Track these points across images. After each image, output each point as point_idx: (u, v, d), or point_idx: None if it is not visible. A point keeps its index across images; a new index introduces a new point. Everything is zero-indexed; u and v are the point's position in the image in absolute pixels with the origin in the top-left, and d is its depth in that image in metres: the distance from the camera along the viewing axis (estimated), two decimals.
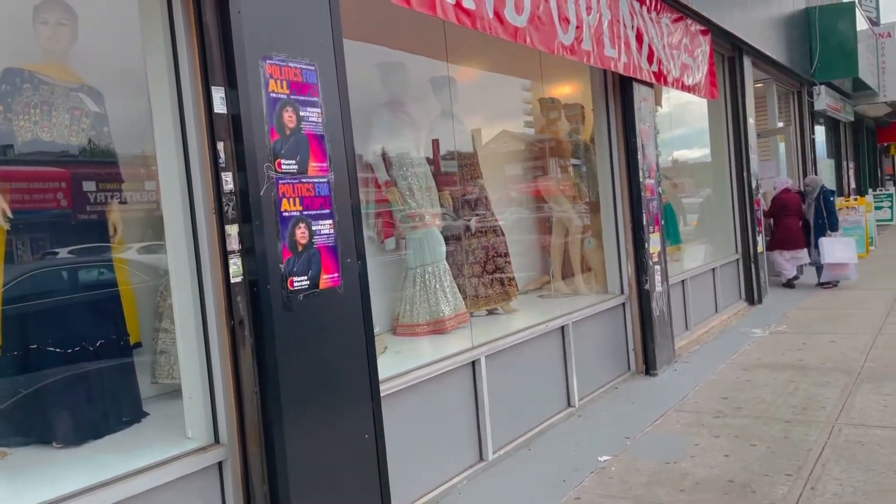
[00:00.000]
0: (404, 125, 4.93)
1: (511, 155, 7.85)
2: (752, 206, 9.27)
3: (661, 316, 6.15)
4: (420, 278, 4.88)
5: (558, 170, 6.83)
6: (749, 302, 9.27)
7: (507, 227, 6.74)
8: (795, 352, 6.54)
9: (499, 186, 6.58)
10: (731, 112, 9.26)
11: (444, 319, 4.80)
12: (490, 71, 6.66)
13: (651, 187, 6.16)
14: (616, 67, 5.48)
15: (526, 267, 6.85)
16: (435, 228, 4.93)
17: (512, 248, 6.70)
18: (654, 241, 6.12)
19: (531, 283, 6.76)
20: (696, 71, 7.19)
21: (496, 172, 6.79)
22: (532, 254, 6.85)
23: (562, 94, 7.09)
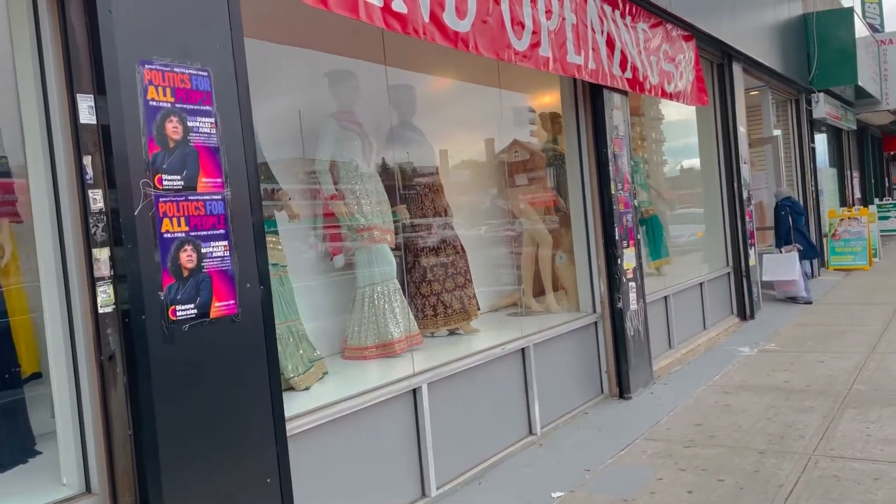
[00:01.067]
0: (354, 136, 4.65)
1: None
2: (744, 218, 8.94)
3: (636, 336, 5.83)
4: (368, 299, 4.59)
5: (530, 180, 6.54)
6: (741, 317, 8.93)
7: (485, 241, 6.47)
8: (781, 372, 6.20)
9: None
10: (720, 120, 8.95)
11: (394, 342, 4.51)
12: (464, 80, 6.40)
13: (625, 200, 5.86)
14: (582, 75, 5.19)
15: (499, 283, 6.56)
16: (385, 245, 4.64)
17: (487, 263, 6.44)
18: (628, 256, 5.81)
19: (502, 300, 6.47)
20: (678, 78, 6.89)
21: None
22: (506, 269, 6.55)
23: (540, 104, 6.82)
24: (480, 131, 6.64)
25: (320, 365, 4.10)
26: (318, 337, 4.64)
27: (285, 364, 3.76)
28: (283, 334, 3.82)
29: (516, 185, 6.44)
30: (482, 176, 6.65)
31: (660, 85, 6.44)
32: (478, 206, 6.54)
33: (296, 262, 4.66)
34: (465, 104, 6.43)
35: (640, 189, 8.34)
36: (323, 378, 4.06)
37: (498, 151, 6.72)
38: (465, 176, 6.61)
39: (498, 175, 6.59)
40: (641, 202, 8.44)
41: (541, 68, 4.74)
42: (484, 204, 6.55)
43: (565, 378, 5.36)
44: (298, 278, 4.62)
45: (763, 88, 11.23)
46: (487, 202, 6.54)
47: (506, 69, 5.81)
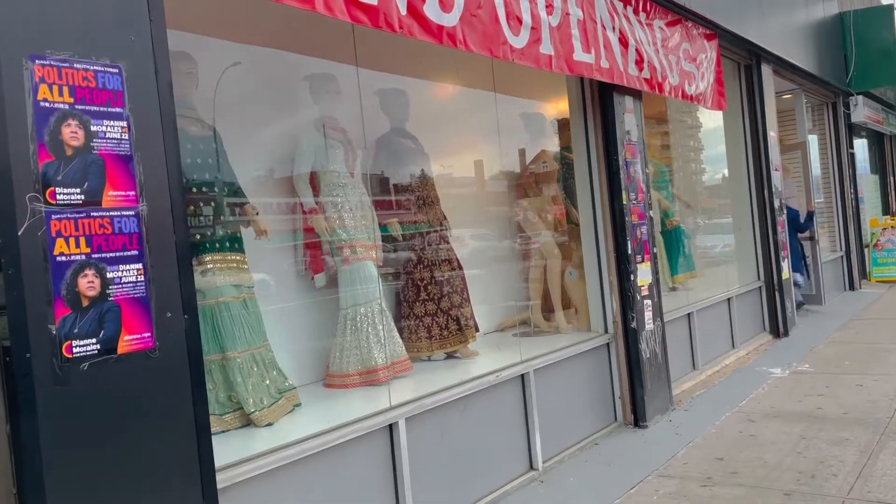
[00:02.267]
0: (336, 144, 4.29)
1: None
2: (776, 229, 8.38)
3: (652, 358, 5.35)
4: (351, 321, 4.21)
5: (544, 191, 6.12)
6: (774, 334, 8.36)
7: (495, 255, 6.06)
8: (815, 397, 5.66)
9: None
10: (749, 125, 8.42)
11: (377, 369, 4.11)
12: (465, 86, 6.02)
13: (639, 211, 5.40)
14: (593, 74, 4.76)
15: (509, 300, 6.13)
16: (368, 263, 4.26)
17: (497, 279, 6.02)
18: (642, 272, 5.35)
19: (512, 319, 6.04)
20: (699, 79, 6.41)
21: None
22: (517, 285, 6.12)
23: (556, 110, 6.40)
24: (486, 139, 6.24)
25: (291, 396, 3.72)
26: (300, 363, 4.29)
27: (245, 397, 3.39)
28: (245, 363, 3.46)
29: (540, 195, 6.05)
30: (490, 186, 6.23)
31: (680, 86, 5.97)
32: (486, 217, 6.13)
33: (276, 281, 4.31)
34: (468, 111, 6.04)
35: (665, 199, 7.90)
36: (293, 410, 3.68)
37: (528, 162, 6.34)
38: (472, 186, 6.20)
39: (506, 185, 6.18)
40: (668, 213, 8.01)
41: (543, 67, 4.33)
42: (492, 215, 6.13)
43: (573, 405, 4.90)
44: (279, 299, 4.26)
45: (797, 91, 10.63)
46: (494, 213, 6.12)
47: (510, 73, 5.43)
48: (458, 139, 6.03)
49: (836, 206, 11.95)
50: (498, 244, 6.13)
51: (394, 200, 4.83)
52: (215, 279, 3.41)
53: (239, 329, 3.44)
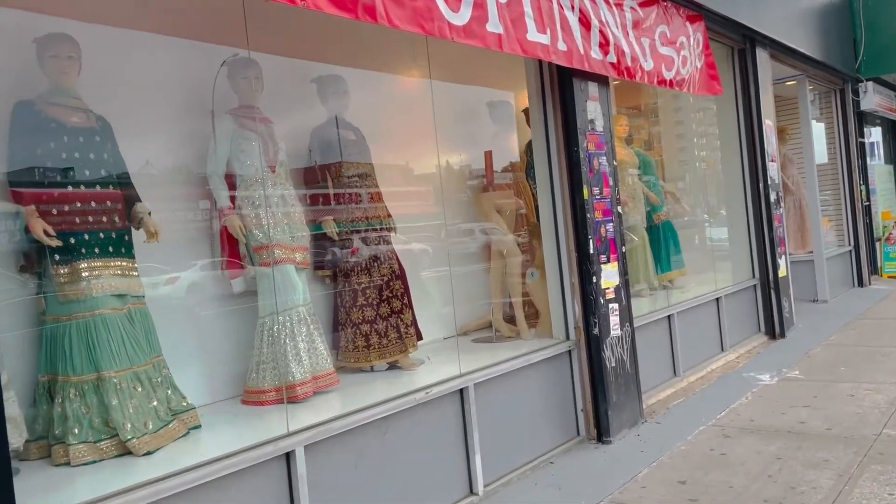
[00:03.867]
0: (253, 136, 3.90)
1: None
2: (772, 223, 7.89)
3: (618, 367, 4.92)
4: (268, 332, 3.83)
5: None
6: (769, 335, 7.88)
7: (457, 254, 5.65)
8: (800, 409, 5.20)
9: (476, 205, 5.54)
10: (743, 113, 7.92)
11: (295, 385, 3.73)
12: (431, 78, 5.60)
13: (604, 207, 4.96)
14: (549, 56, 4.33)
15: (472, 302, 5.72)
16: (288, 267, 3.87)
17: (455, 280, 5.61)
18: (608, 273, 4.91)
19: (473, 323, 5.64)
20: (681, 64, 5.94)
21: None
22: (480, 286, 5.70)
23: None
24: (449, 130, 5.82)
25: (188, 418, 3.35)
26: (214, 378, 3.91)
27: (122, 423, 3.02)
28: (124, 384, 3.08)
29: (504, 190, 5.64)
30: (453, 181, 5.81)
31: (655, 72, 5.50)
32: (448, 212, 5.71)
33: (191, 287, 3.94)
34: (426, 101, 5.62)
35: (653, 193, 7.45)
36: (188, 435, 3.30)
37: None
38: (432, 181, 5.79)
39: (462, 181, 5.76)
40: (655, 207, 7.56)
41: (491, 47, 3.91)
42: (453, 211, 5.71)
43: (527, 420, 4.49)
44: (193, 307, 3.89)
45: (800, 77, 10.09)
46: (452, 211, 5.70)
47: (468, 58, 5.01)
48: (415, 130, 5.61)
49: (843, 197, 11.39)
50: (459, 241, 5.72)
51: (330, 196, 4.43)
52: (91, 289, 3.04)
53: (118, 345, 3.07)
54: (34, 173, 3.04)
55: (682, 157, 9.32)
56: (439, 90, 5.60)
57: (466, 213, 5.64)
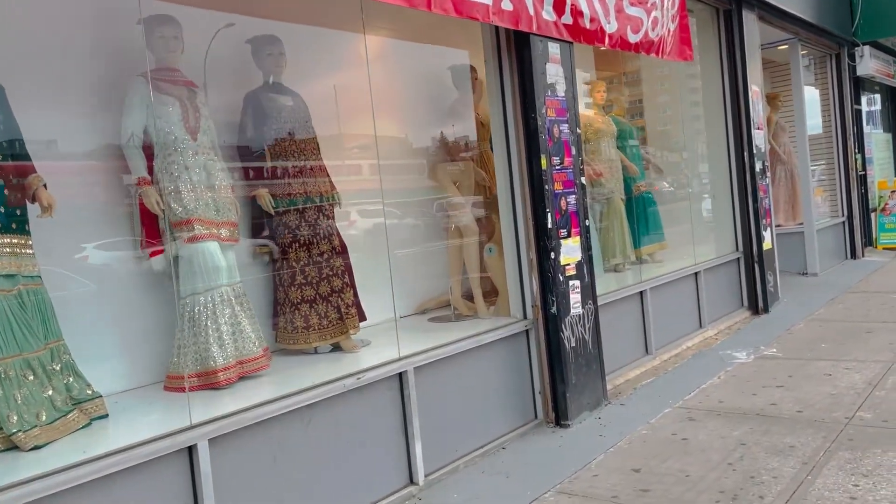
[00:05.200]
0: (171, 101, 3.60)
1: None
2: (756, 194, 7.58)
3: (578, 347, 4.66)
4: (189, 313, 3.56)
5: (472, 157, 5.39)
6: (753, 311, 7.61)
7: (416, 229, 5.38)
8: (773, 389, 4.95)
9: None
10: (728, 79, 7.57)
11: (217, 370, 3.48)
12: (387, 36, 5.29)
13: (565, 178, 4.66)
14: (490, 18, 4.01)
15: (431, 278, 5.46)
16: (210, 244, 3.59)
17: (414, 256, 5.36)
18: (568, 249, 4.63)
19: (432, 301, 5.37)
20: (652, 26, 5.60)
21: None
22: (439, 262, 5.43)
23: None
24: (407, 96, 5.51)
25: (91, 407, 3.10)
26: (138, 362, 3.66)
27: (6, 414, 2.76)
28: (12, 372, 2.83)
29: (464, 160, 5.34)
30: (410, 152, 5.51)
31: (619, 34, 5.17)
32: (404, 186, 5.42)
33: (114, 265, 3.67)
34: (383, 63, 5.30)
35: (632, 164, 7.14)
36: (89, 425, 3.05)
37: None
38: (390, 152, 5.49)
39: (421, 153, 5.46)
40: (634, 178, 7.25)
41: (418, 6, 3.59)
42: (409, 185, 5.42)
43: (478, 404, 4.25)
44: (115, 287, 3.63)
45: (792, 42, 9.70)
46: (412, 183, 5.41)
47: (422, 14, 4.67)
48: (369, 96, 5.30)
49: (838, 166, 11.04)
50: (417, 216, 5.44)
51: (267, 169, 4.14)
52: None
53: (4, 330, 2.81)
54: None
55: (665, 126, 8.97)
56: (392, 49, 5.31)
57: (426, 186, 5.34)
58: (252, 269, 4.25)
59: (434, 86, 5.64)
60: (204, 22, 4.15)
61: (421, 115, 5.56)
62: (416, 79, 5.59)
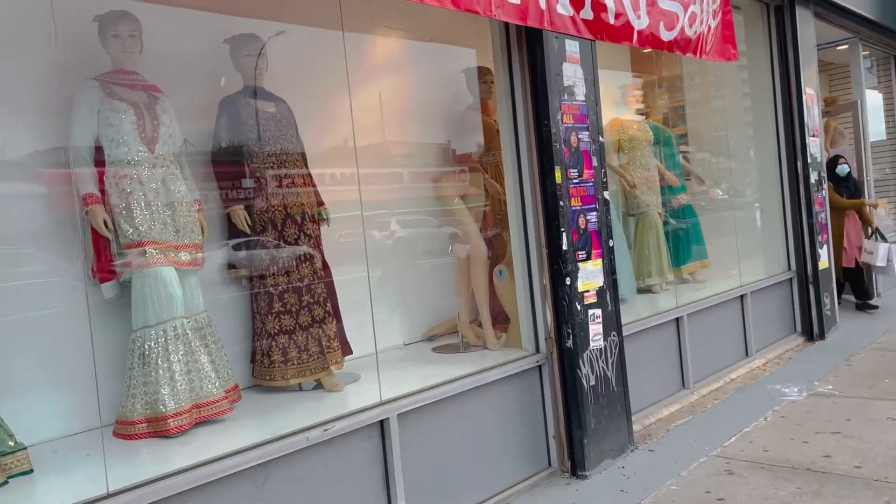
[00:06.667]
0: (125, 108, 3.18)
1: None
2: (811, 208, 6.87)
3: (598, 386, 4.09)
4: (139, 349, 3.12)
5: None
6: (807, 337, 6.89)
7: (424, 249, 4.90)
8: (828, 436, 4.30)
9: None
10: (779, 81, 6.89)
11: (166, 416, 3.03)
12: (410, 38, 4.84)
13: (584, 193, 4.10)
14: (491, 11, 3.49)
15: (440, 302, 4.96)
16: (164, 270, 3.15)
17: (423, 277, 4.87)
18: (587, 273, 4.07)
19: (439, 327, 4.87)
20: (689, 22, 5.01)
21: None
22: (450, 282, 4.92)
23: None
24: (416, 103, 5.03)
25: (10, 463, 2.68)
26: (88, 403, 3.24)
27: None
28: None
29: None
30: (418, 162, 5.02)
31: (650, 31, 4.60)
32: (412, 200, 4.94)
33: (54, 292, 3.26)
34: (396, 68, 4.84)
35: (671, 174, 6.53)
36: (6, 484, 2.63)
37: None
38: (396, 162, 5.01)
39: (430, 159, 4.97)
40: (674, 190, 6.64)
41: (421, 1, 3.11)
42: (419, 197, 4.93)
43: (481, 452, 3.72)
44: (63, 317, 3.22)
45: (852, 41, 8.93)
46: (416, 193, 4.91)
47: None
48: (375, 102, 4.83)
49: None
50: (429, 232, 4.94)
51: (244, 182, 3.70)
52: None
53: None
54: None
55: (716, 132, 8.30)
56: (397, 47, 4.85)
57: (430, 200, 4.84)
58: (228, 294, 3.81)
59: (444, 90, 5.14)
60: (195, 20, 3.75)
61: (430, 120, 5.07)
62: (424, 81, 5.10)
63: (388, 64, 5.05)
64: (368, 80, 4.84)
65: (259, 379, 3.70)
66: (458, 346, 4.59)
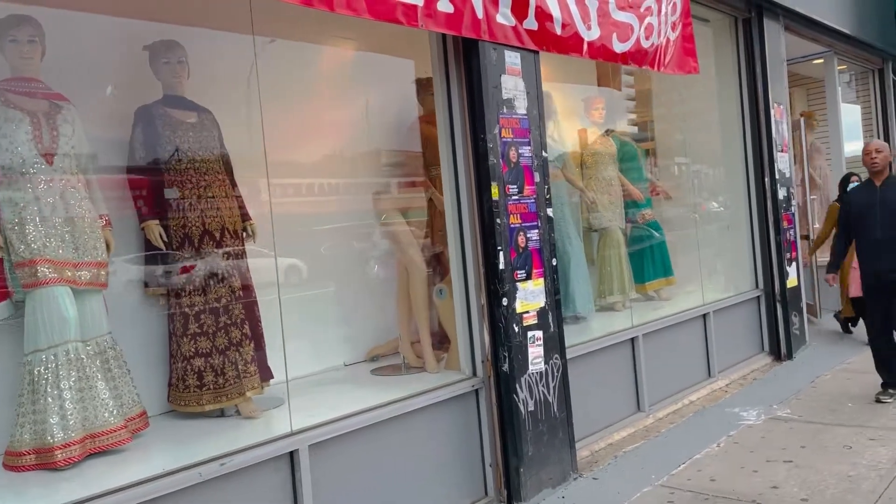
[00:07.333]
0: (20, 118, 2.99)
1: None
2: (779, 225, 6.72)
3: (538, 412, 3.90)
4: (30, 375, 2.93)
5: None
6: (775, 356, 6.73)
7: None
8: (779, 465, 4.12)
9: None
10: (747, 95, 6.75)
11: (53, 448, 2.83)
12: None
13: (524, 210, 3.93)
14: (417, 21, 3.33)
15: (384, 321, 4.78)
16: (57, 290, 2.95)
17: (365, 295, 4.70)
18: (526, 293, 3.89)
19: (382, 347, 4.68)
20: (645, 34, 4.85)
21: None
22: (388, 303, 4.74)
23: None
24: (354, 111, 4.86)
25: None
26: None
27: None
28: None
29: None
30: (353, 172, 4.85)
31: (602, 43, 4.44)
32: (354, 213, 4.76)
33: None
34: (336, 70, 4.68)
35: (635, 188, 6.37)
36: None
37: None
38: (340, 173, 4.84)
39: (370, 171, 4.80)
40: (639, 205, 6.48)
41: (318, 6, 2.94)
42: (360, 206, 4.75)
43: (410, 483, 3.53)
44: None
45: (827, 55, 8.81)
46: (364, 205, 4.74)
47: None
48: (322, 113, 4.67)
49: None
50: (370, 247, 4.77)
51: (163, 196, 3.51)
52: None
53: None
54: None
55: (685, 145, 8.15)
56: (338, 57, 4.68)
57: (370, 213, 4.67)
58: (146, 315, 3.62)
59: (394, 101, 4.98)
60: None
61: (377, 131, 4.90)
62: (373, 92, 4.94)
63: (337, 74, 4.89)
64: (313, 89, 4.68)
65: (175, 404, 3.51)
66: (399, 367, 4.40)
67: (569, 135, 6.10)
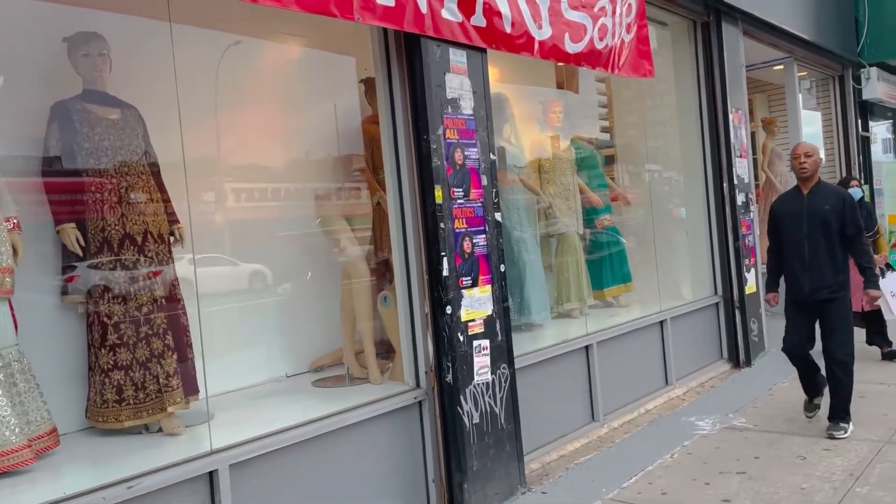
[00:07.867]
0: None
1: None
2: (738, 231, 6.65)
3: (484, 424, 3.74)
4: None
5: None
6: (733, 363, 6.65)
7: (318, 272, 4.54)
8: (731, 477, 4.00)
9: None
10: (706, 101, 6.67)
11: None
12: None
13: (471, 214, 3.77)
14: (353, 13, 3.15)
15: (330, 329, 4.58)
16: None
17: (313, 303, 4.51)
18: (472, 301, 3.73)
19: (325, 357, 4.49)
20: (599, 35, 4.73)
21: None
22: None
23: None
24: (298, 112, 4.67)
25: None
26: None
27: None
28: None
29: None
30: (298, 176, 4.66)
31: (554, 43, 4.30)
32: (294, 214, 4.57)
33: None
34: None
35: (593, 194, 6.25)
36: None
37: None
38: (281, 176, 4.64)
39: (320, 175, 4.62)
40: (598, 210, 6.36)
41: (262, 1, 2.76)
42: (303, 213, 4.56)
43: (346, 502, 3.33)
44: None
45: (787, 61, 8.80)
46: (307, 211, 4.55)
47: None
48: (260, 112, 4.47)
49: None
50: (314, 253, 4.58)
51: (80, 196, 3.29)
52: None
53: None
54: None
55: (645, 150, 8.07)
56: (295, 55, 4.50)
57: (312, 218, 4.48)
58: (66, 325, 3.40)
59: (341, 101, 4.80)
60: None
61: (322, 132, 4.72)
62: (319, 91, 4.76)
63: (281, 73, 4.70)
64: (257, 88, 4.49)
65: (93, 420, 3.28)
66: (343, 378, 4.22)
67: (527, 139, 5.97)
